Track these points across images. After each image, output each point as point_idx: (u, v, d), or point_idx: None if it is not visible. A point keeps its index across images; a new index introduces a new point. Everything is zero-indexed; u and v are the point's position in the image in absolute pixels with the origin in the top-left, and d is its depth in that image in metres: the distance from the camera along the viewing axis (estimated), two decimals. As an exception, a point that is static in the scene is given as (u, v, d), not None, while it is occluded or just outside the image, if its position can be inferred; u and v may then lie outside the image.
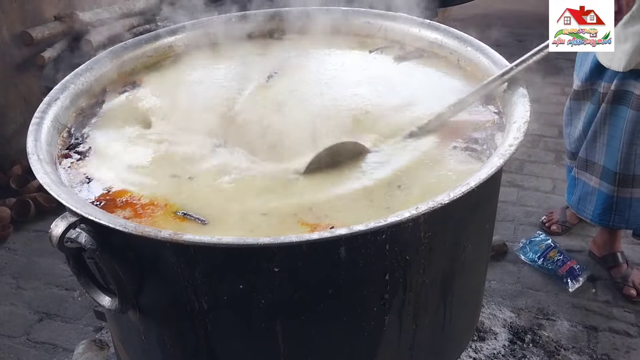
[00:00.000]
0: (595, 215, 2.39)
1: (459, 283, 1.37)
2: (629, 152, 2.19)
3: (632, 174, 2.22)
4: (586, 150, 2.34)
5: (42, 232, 2.92)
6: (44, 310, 2.50)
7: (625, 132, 2.16)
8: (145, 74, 1.80)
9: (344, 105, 1.59)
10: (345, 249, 1.08)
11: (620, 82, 2.12)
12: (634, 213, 2.30)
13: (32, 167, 1.24)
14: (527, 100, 1.39)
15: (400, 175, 1.32)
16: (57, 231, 1.08)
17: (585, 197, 2.41)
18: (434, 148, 1.40)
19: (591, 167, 2.35)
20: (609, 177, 2.28)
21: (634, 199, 2.27)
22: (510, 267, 2.64)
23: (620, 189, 2.26)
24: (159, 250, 1.11)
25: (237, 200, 1.26)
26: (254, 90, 1.68)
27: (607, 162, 2.26)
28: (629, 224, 2.34)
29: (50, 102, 1.51)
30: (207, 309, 1.17)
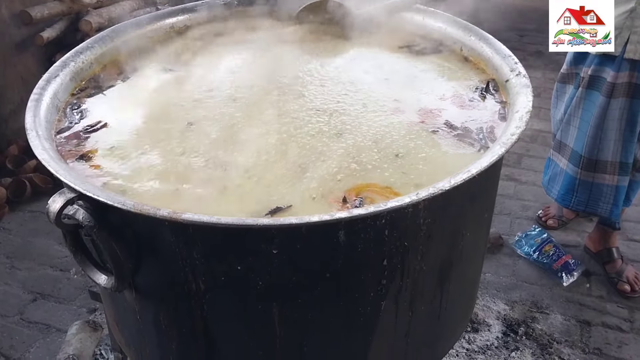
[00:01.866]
0: (559, 196, 2.45)
1: (456, 272, 1.37)
2: (594, 137, 2.23)
3: (595, 159, 2.27)
4: (561, 133, 2.40)
5: (38, 212, 2.91)
6: (38, 290, 2.50)
7: (594, 116, 2.21)
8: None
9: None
10: (344, 232, 1.07)
11: (596, 67, 2.16)
12: (594, 197, 2.35)
13: (30, 143, 1.22)
14: (529, 90, 1.38)
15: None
16: (55, 207, 1.07)
17: (554, 178, 2.48)
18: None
19: (563, 148, 2.40)
20: (575, 160, 2.33)
21: (594, 183, 2.32)
22: (505, 260, 2.65)
23: (584, 172, 2.32)
24: (157, 228, 1.10)
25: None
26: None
27: (576, 145, 2.32)
28: (587, 207, 2.39)
29: (49, 79, 1.49)
30: (204, 289, 1.16)
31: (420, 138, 1.38)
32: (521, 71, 1.46)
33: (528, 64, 4.16)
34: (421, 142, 1.37)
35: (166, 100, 1.56)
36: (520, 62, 1.52)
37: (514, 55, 1.53)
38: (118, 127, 1.46)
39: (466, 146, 1.36)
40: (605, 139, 2.22)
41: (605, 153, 2.25)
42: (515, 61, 1.51)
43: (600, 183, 2.31)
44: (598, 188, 2.32)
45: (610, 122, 2.19)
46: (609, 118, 2.18)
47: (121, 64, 1.73)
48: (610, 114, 2.17)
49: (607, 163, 2.27)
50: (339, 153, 1.33)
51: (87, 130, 1.43)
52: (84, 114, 1.50)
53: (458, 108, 1.50)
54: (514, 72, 1.47)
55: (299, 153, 1.33)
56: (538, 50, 4.51)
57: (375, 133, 1.40)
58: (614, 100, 2.15)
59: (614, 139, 2.21)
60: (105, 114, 1.50)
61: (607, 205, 2.34)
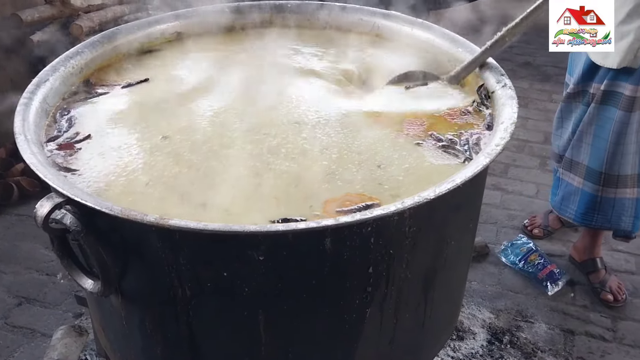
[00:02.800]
0: (578, 215, 2.41)
1: (441, 280, 1.38)
2: (614, 152, 2.21)
3: (616, 174, 2.25)
4: (572, 150, 2.36)
5: (25, 216, 2.90)
6: (23, 294, 2.49)
7: (612, 132, 2.18)
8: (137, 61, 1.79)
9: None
10: (330, 240, 1.09)
11: (610, 82, 2.14)
12: (616, 213, 2.33)
13: (18, 147, 1.23)
14: (515, 102, 1.40)
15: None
16: (42, 211, 1.07)
17: (568, 197, 2.44)
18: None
19: (575, 167, 2.37)
20: (593, 177, 2.30)
21: (617, 199, 2.30)
22: (491, 268, 2.67)
23: (605, 188, 2.29)
24: (144, 234, 1.11)
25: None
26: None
27: (591, 162, 2.29)
28: (611, 223, 2.36)
29: (39, 84, 1.49)
30: (190, 295, 1.17)
31: (404, 149, 1.40)
32: (507, 83, 1.49)
33: (516, 74, 4.21)
34: (405, 153, 1.39)
35: (151, 109, 1.57)
36: (508, 72, 1.54)
37: (500, 67, 1.56)
38: (100, 139, 1.44)
39: (451, 157, 1.38)
40: (626, 153, 2.21)
41: (626, 167, 2.23)
42: (501, 72, 1.53)
43: (622, 198, 2.29)
44: (621, 203, 2.30)
45: (630, 136, 2.17)
46: (629, 132, 2.17)
47: (111, 69, 1.74)
48: (630, 128, 2.16)
49: (627, 177, 2.25)
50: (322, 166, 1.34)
51: (71, 141, 1.42)
52: (73, 121, 1.49)
53: (449, 119, 1.52)
54: (500, 84, 1.50)
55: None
56: (526, 62, 4.56)
57: (359, 145, 1.41)
58: (634, 114, 2.14)
59: (632, 152, 2.20)
60: (90, 123, 1.50)
61: (630, 219, 2.32)
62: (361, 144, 1.41)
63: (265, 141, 1.42)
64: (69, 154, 1.36)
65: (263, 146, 1.40)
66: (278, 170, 1.32)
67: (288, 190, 1.26)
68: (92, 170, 1.32)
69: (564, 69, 2.50)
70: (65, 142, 1.41)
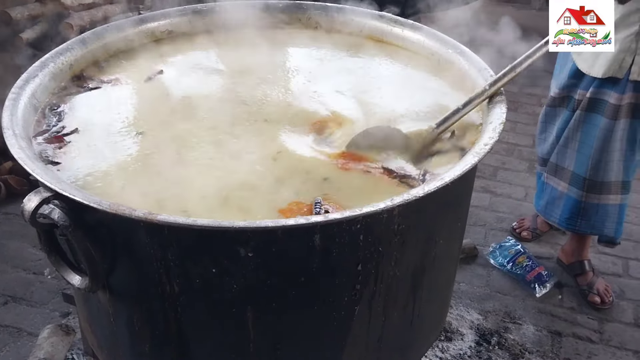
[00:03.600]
0: (563, 220, 2.44)
1: (429, 279, 1.39)
2: (599, 159, 2.24)
3: (600, 180, 2.28)
4: (557, 156, 2.38)
5: (12, 214, 2.88)
6: (9, 293, 2.47)
7: (597, 139, 2.21)
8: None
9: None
10: (319, 236, 1.09)
11: (596, 90, 2.17)
12: (600, 219, 2.35)
13: (6, 141, 1.22)
14: (504, 103, 1.41)
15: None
16: (30, 206, 1.06)
17: (553, 202, 2.47)
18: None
19: (560, 172, 2.39)
20: (578, 183, 2.33)
21: (600, 204, 2.33)
22: (479, 270, 2.68)
23: (589, 194, 2.32)
24: (133, 229, 1.10)
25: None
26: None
27: (576, 167, 2.32)
28: (595, 229, 2.39)
29: (28, 79, 1.48)
30: (178, 291, 1.16)
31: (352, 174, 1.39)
32: (496, 84, 1.49)
33: (506, 78, 4.22)
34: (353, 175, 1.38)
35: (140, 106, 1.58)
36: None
37: (489, 68, 1.57)
38: (88, 133, 1.46)
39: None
40: (610, 160, 2.24)
41: (610, 174, 2.26)
42: (490, 74, 1.54)
43: (605, 204, 2.32)
44: (604, 209, 2.33)
45: (614, 143, 2.20)
46: (614, 139, 2.20)
47: (100, 66, 1.73)
48: (614, 135, 2.19)
49: (611, 184, 2.28)
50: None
51: (59, 134, 1.43)
52: (62, 116, 1.49)
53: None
54: (489, 85, 1.50)
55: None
56: (516, 66, 4.58)
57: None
58: (618, 122, 2.17)
59: (616, 159, 2.23)
60: (79, 117, 1.51)
61: (613, 225, 2.36)
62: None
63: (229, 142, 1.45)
64: (58, 146, 1.36)
65: (225, 149, 1.43)
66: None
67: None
68: (78, 163, 1.33)
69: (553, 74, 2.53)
70: (53, 135, 1.40)
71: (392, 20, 1.90)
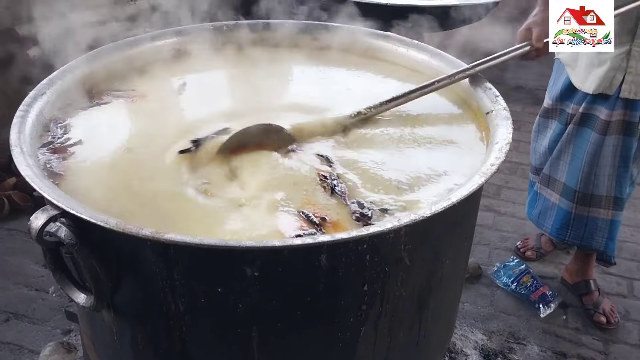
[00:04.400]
0: (554, 230, 2.46)
1: (435, 299, 1.38)
2: (589, 172, 2.27)
3: (590, 193, 2.30)
4: (550, 167, 2.42)
5: (15, 230, 2.87)
6: (11, 310, 2.45)
7: (587, 153, 2.24)
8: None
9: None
10: (326, 256, 1.08)
11: (588, 106, 2.20)
12: (589, 231, 2.37)
13: (14, 159, 1.23)
14: (509, 122, 1.42)
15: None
16: (37, 223, 1.07)
17: (545, 212, 2.49)
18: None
19: (553, 183, 2.42)
20: (568, 195, 2.35)
21: (589, 217, 2.34)
22: (484, 290, 2.66)
23: (578, 206, 2.34)
24: (139, 248, 1.10)
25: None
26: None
27: (568, 180, 2.34)
28: (584, 241, 2.41)
29: (36, 97, 1.49)
30: (183, 311, 1.16)
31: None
32: (502, 104, 1.50)
33: (509, 97, 4.23)
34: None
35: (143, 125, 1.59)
36: (501, 95, 1.56)
37: (494, 89, 1.58)
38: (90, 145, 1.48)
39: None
40: (600, 174, 2.25)
41: (600, 188, 2.27)
42: (495, 94, 1.55)
43: (595, 217, 2.33)
44: (593, 222, 2.34)
45: (604, 158, 2.22)
46: (603, 154, 2.21)
47: (106, 84, 1.74)
48: (604, 150, 2.21)
49: (601, 197, 2.29)
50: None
51: (63, 145, 1.44)
52: (68, 129, 1.50)
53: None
54: (495, 105, 1.51)
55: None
56: (518, 85, 4.60)
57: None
58: (608, 137, 2.18)
59: (607, 174, 2.24)
60: (84, 131, 1.52)
61: (602, 239, 2.36)
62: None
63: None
64: (62, 157, 1.37)
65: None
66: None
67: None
68: (80, 175, 1.35)
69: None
70: (58, 146, 1.42)
71: (397, 40, 1.91)
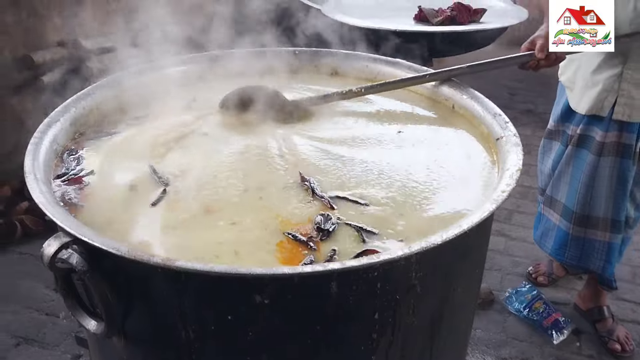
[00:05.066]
0: (553, 250, 2.48)
1: (447, 327, 1.37)
2: (585, 194, 2.28)
3: (587, 214, 2.31)
4: (552, 188, 2.44)
5: (27, 254, 2.89)
6: (22, 334, 2.46)
7: (584, 174, 2.26)
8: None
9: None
10: (336, 284, 1.08)
11: (585, 127, 2.22)
12: (586, 252, 2.37)
13: (28, 186, 1.24)
14: (520, 149, 1.42)
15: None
16: (50, 250, 1.07)
17: (547, 232, 2.51)
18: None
19: (554, 204, 2.44)
20: (567, 215, 2.36)
21: (586, 239, 2.35)
22: (496, 316, 2.63)
23: (575, 227, 2.35)
24: (150, 275, 1.10)
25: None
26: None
27: (567, 200, 2.36)
28: (581, 262, 2.41)
29: (50, 124, 1.51)
30: (193, 338, 1.15)
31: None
32: (512, 130, 1.50)
33: (518, 121, 4.25)
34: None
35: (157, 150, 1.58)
36: (511, 120, 1.56)
37: (504, 115, 1.58)
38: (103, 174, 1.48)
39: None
40: (596, 196, 2.26)
41: (597, 209, 2.28)
42: (505, 120, 1.55)
43: (592, 239, 2.33)
44: (590, 244, 2.34)
45: (601, 179, 2.23)
46: (599, 176, 2.23)
47: (120, 111, 1.76)
48: (600, 171, 2.22)
49: (599, 219, 2.29)
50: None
51: (77, 175, 1.45)
52: (80, 160, 1.51)
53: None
54: (505, 131, 1.51)
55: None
56: (528, 109, 4.61)
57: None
58: (603, 159, 2.20)
59: (604, 195, 2.25)
60: (97, 161, 1.53)
61: (600, 262, 2.35)
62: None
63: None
64: (79, 188, 1.38)
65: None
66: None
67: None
68: (95, 204, 1.35)
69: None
70: (72, 177, 1.43)
71: (406, 66, 1.93)
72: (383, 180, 1.45)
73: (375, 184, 1.43)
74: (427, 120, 1.78)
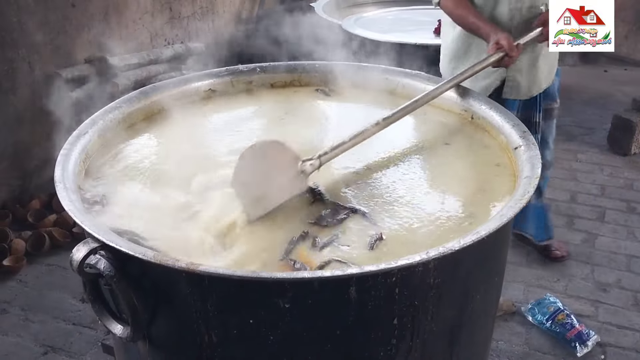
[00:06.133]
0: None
1: (466, 335, 1.37)
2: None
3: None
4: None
5: (55, 265, 2.95)
6: (49, 344, 2.51)
7: None
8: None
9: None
10: (355, 289, 1.10)
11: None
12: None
13: (58, 194, 1.29)
14: (539, 158, 1.43)
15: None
16: (78, 255, 1.11)
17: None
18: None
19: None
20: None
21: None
22: (518, 328, 2.61)
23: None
24: (175, 279, 1.14)
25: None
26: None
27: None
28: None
29: (79, 136, 1.57)
30: (216, 342, 1.18)
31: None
32: (530, 139, 1.52)
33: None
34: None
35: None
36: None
37: (522, 124, 1.59)
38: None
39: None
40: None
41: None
42: (523, 129, 1.56)
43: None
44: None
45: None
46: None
47: (147, 123, 1.82)
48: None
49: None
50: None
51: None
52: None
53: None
54: (523, 140, 1.53)
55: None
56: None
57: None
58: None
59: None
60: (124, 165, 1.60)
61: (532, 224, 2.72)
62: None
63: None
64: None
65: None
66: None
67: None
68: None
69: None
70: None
71: (425, 78, 1.95)
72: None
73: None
74: (444, 130, 1.80)
